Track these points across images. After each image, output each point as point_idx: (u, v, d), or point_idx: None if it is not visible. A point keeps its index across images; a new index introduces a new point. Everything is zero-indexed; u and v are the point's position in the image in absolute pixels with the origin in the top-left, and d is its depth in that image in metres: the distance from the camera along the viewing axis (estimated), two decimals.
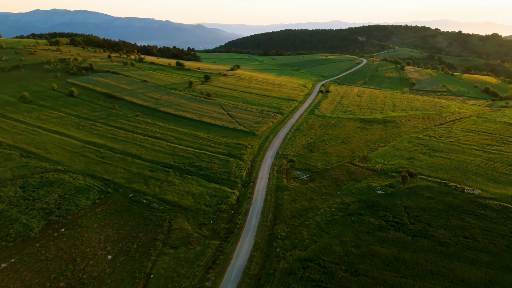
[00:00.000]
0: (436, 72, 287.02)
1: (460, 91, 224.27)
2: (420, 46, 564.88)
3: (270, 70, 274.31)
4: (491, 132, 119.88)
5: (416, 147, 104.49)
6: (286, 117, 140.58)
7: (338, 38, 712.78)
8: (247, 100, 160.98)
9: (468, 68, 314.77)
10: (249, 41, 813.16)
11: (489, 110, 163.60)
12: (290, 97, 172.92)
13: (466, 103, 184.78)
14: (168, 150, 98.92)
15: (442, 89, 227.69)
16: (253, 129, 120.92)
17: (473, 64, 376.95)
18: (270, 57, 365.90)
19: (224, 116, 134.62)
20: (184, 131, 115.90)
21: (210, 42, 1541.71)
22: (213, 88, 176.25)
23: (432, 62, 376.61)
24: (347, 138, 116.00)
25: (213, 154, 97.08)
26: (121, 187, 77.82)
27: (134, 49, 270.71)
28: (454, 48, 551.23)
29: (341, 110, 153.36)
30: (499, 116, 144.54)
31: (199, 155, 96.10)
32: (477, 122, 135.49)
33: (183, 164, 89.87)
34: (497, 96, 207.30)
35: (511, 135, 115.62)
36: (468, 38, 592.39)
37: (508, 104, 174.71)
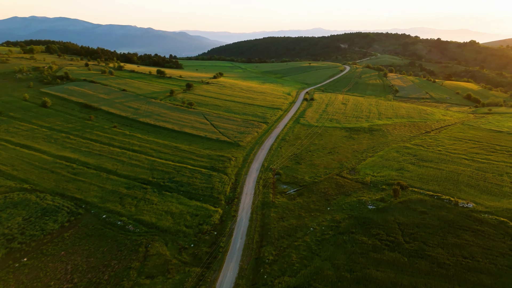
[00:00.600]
0: (418, 79, 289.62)
1: (443, 98, 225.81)
2: (401, 53, 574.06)
3: (253, 78, 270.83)
4: (478, 140, 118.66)
5: (404, 157, 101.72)
6: (271, 127, 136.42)
7: (321, 46, 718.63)
8: (231, 109, 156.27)
9: (449, 75, 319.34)
10: (232, 48, 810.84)
11: (473, 117, 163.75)
12: (275, 106, 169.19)
13: (450, 110, 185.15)
14: (147, 164, 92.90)
15: (425, 96, 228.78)
16: (237, 140, 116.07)
17: (453, 70, 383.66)
18: (254, 65, 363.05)
19: (207, 126, 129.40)
20: (164, 143, 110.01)
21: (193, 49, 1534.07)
22: (195, 97, 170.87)
23: (414, 69, 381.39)
24: (334, 148, 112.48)
25: (195, 168, 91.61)
26: (94, 207, 71.45)
27: (113, 57, 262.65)
28: (434, 55, 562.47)
29: (327, 119, 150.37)
30: (483, 123, 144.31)
31: (179, 169, 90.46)
32: (463, 129, 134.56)
33: (162, 180, 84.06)
34: (479, 102, 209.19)
35: (498, 143, 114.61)
36: (447, 45, 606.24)
37: (491, 111, 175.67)
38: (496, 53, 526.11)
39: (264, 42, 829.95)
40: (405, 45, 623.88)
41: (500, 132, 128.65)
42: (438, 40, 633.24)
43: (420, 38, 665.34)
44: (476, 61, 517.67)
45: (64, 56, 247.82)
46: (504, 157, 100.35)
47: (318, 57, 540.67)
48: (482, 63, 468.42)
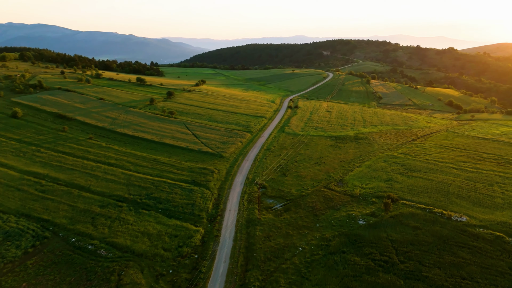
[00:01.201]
0: (401, 85, 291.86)
1: (426, 104, 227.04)
2: (382, 60, 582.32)
3: (237, 85, 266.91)
4: (464, 148, 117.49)
5: (392, 167, 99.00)
6: (255, 136, 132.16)
7: (303, 53, 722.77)
8: (213, 117, 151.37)
9: (430, 82, 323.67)
10: (215, 55, 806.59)
11: (456, 123, 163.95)
12: (259, 114, 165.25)
13: (433, 116, 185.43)
14: (123, 179, 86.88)
15: (408, 102, 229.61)
16: (220, 151, 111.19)
17: (433, 77, 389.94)
18: (237, 72, 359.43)
19: (188, 137, 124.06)
20: (142, 156, 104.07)
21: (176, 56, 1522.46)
22: (177, 105, 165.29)
23: (395, 76, 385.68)
24: (321, 158, 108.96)
25: (175, 183, 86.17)
26: (63, 229, 65.18)
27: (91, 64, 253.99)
28: (414, 62, 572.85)
29: (312, 127, 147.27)
30: (468, 130, 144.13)
31: (158, 184, 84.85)
32: (448, 137, 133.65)
33: (139, 197, 78.30)
34: (461, 109, 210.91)
35: (484, 150, 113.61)
36: (426, 52, 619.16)
37: (474, 117, 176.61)
38: (474, 59, 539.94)
39: (247, 49, 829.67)
40: (386, 52, 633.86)
41: (485, 139, 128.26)
42: (418, 47, 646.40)
43: (400, 45, 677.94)
44: (455, 67, 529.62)
45: (38, 63, 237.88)
46: (492, 165, 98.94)
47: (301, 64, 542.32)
48: (461, 70, 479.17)
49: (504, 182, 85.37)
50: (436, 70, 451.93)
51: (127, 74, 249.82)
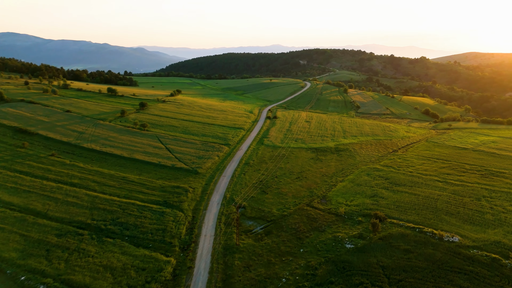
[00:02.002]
0: (378, 94, 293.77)
1: (403, 113, 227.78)
2: (358, 69, 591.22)
3: (213, 95, 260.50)
4: (446, 158, 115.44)
5: (377, 181, 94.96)
6: (233, 149, 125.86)
7: (281, 62, 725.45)
8: (189, 130, 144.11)
9: (406, 90, 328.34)
10: (191, 64, 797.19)
11: (435, 133, 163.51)
12: (237, 125, 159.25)
13: (411, 126, 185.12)
14: (86, 201, 78.40)
15: (385, 111, 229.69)
16: (195, 166, 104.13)
17: (408, 85, 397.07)
18: (214, 81, 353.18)
19: (161, 151, 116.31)
20: (110, 174, 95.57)
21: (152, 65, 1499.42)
22: (150, 117, 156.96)
23: (371, 84, 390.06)
24: (302, 172, 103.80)
25: (145, 205, 78.46)
26: (11, 265, 56.44)
27: (59, 74, 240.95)
28: (388, 71, 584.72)
29: (292, 139, 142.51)
30: (447, 140, 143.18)
31: (126, 206, 76.92)
32: (429, 147, 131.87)
33: (103, 222, 70.17)
34: (438, 117, 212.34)
35: (466, 161, 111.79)
36: (400, 61, 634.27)
37: (451, 126, 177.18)
38: (445, 68, 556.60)
39: (224, 58, 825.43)
40: (361, 61, 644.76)
41: (465, 149, 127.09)
42: (392, 56, 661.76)
43: (375, 55, 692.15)
44: (427, 76, 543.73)
45: (1, 73, 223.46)
46: (476, 177, 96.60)
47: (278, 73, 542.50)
48: (433, 78, 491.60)
49: (491, 196, 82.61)
50: (410, 79, 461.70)
51: (98, 85, 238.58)
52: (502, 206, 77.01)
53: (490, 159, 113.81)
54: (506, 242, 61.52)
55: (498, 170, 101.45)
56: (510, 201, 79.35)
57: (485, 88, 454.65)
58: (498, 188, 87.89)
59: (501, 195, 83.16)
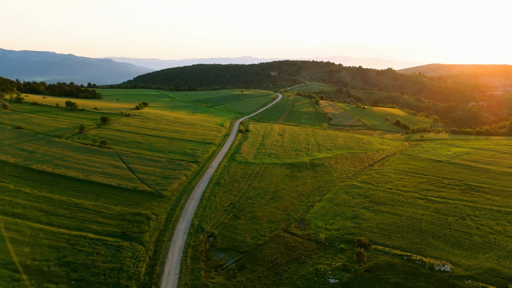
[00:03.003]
0: (349, 106, 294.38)
1: (375, 124, 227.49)
2: (327, 80, 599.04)
3: (182, 107, 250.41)
4: (423, 172, 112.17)
5: (356, 200, 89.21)
6: (202, 167, 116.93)
7: (251, 73, 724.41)
8: (154, 146, 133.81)
9: (376, 101, 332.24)
10: (160, 75, 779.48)
11: (408, 145, 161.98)
12: (207, 140, 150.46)
13: (384, 137, 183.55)
14: (29, 236, 66.96)
15: (357, 123, 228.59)
16: (160, 188, 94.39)
17: (377, 96, 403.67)
18: (183, 93, 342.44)
19: (123, 171, 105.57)
20: (61, 200, 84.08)
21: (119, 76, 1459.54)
22: (112, 133, 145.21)
23: (342, 96, 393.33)
24: (277, 192, 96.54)
25: (99, 237, 68.08)
26: None
27: (13, 86, 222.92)
28: (357, 82, 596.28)
29: (265, 154, 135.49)
30: (421, 152, 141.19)
31: (76, 241, 66.24)
32: (404, 160, 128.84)
33: (46, 263, 59.27)
34: (409, 128, 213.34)
35: (443, 175, 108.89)
36: (368, 72, 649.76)
37: (423, 138, 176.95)
38: (411, 79, 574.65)
39: (194, 69, 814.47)
40: (330, 73, 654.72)
41: (441, 162, 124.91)
42: (360, 67, 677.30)
43: (343, 66, 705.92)
44: (394, 87, 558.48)
45: None
46: (456, 193, 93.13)
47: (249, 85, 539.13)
48: (400, 89, 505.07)
49: (475, 214, 78.63)
50: (379, 90, 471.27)
51: (57, 98, 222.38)
52: (488, 225, 72.93)
53: (467, 172, 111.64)
54: (500, 269, 56.60)
55: (477, 185, 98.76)
56: (495, 220, 75.60)
57: (449, 98, 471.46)
58: (480, 205, 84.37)
59: (485, 213, 79.42)
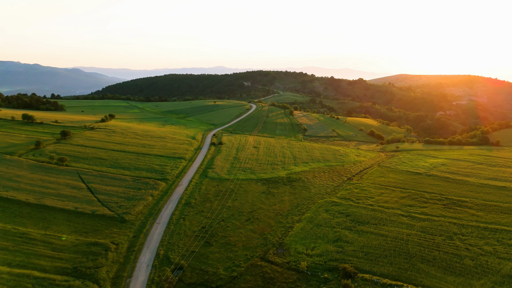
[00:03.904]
0: (323, 116, 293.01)
1: (349, 135, 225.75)
2: (301, 90, 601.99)
3: (152, 119, 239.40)
4: (403, 186, 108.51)
5: (337, 219, 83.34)
6: (171, 185, 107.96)
7: (225, 83, 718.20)
8: (119, 162, 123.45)
9: (349, 111, 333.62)
10: (130, 86, 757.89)
11: (384, 156, 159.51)
12: (177, 154, 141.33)
13: (360, 148, 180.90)
14: None
15: (332, 134, 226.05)
16: (123, 212, 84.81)
17: (349, 106, 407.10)
18: (153, 104, 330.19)
19: (81, 193, 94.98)
20: (5, 229, 72.96)
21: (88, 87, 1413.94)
22: (72, 149, 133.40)
23: (315, 106, 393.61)
24: (253, 212, 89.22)
25: (46, 276, 58.04)
26: None
27: None
28: (330, 92, 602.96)
29: (240, 168, 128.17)
30: (398, 164, 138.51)
31: (18, 282, 55.97)
32: (383, 173, 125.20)
33: None
34: (383, 139, 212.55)
35: (424, 189, 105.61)
36: (340, 82, 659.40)
37: (399, 148, 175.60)
38: (381, 89, 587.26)
39: (166, 79, 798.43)
40: (303, 83, 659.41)
41: (419, 174, 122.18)
42: (332, 78, 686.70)
43: (316, 76, 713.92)
44: (366, 97, 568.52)
45: None
46: (439, 209, 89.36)
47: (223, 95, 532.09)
48: (372, 99, 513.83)
49: (462, 233, 74.47)
50: (351, 100, 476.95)
51: (13, 110, 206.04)
52: (477, 245, 68.70)
53: (447, 185, 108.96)
54: None
55: (459, 199, 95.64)
56: (483, 238, 71.62)
57: (418, 108, 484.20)
58: (465, 221, 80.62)
59: (472, 230, 75.45)
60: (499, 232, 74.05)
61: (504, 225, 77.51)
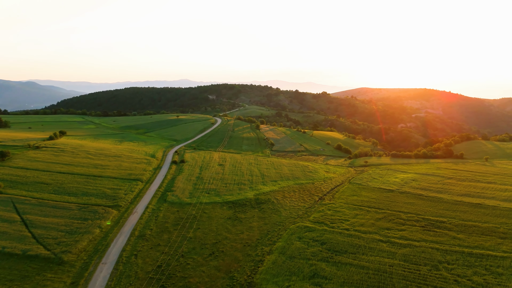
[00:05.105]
0: (290, 130, 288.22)
1: (317, 149, 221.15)
2: (266, 103, 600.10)
3: (109, 136, 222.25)
4: (377, 206, 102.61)
5: (312, 248, 74.78)
6: (124, 213, 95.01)
7: (189, 97, 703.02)
8: (65, 187, 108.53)
9: (315, 125, 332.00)
10: (88, 99, 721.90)
11: (354, 172, 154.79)
12: (133, 175, 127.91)
13: (328, 164, 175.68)
14: None
15: (300, 148, 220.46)
16: (61, 250, 71.29)
17: (315, 119, 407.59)
18: (111, 118, 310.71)
19: (13, 227, 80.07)
20: None
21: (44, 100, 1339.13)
22: (10, 172, 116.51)
23: (281, 119, 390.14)
24: (217, 243, 78.69)
25: None
26: None
27: None
28: (295, 105, 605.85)
29: (203, 190, 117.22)
30: (369, 180, 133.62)
31: None
32: (355, 191, 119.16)
33: None
34: (350, 153, 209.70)
35: (399, 208, 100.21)
36: (304, 96, 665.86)
37: (367, 163, 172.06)
38: (344, 102, 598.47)
39: (126, 93, 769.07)
40: (269, 96, 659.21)
41: (391, 192, 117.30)
42: (297, 91, 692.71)
43: (281, 90, 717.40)
44: (330, 110, 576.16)
45: None
46: (418, 231, 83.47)
47: (187, 109, 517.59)
48: (336, 112, 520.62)
49: (447, 261, 68.18)
50: (316, 113, 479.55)
51: None
52: (466, 276, 62.42)
53: (421, 203, 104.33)
54: None
55: (437, 219, 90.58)
56: (471, 267, 65.57)
57: (380, 120, 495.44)
58: (448, 246, 74.81)
59: (457, 257, 69.43)
60: (485, 258, 68.52)
61: (489, 249, 72.37)
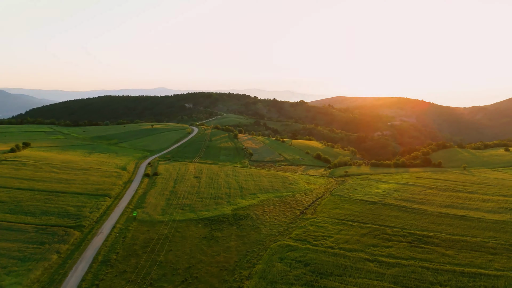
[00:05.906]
0: (268, 139, 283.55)
1: (296, 159, 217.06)
2: (244, 112, 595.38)
3: (78, 147, 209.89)
4: (361, 220, 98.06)
5: (295, 271, 68.66)
6: (88, 234, 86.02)
7: (165, 105, 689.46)
8: (22, 206, 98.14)
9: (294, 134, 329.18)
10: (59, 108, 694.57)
11: (334, 182, 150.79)
12: (101, 191, 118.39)
13: (308, 174, 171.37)
14: None
15: (279, 158, 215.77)
16: (10, 282, 61.99)
17: (293, 128, 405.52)
18: (81, 128, 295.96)
19: None
20: None
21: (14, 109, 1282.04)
22: None
23: (260, 128, 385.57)
24: (191, 268, 71.30)
25: None
26: None
27: None
28: (273, 114, 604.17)
29: (177, 206, 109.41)
30: (351, 191, 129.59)
31: None
32: (336, 203, 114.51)
33: None
34: (330, 162, 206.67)
35: (383, 222, 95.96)
36: (282, 104, 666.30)
37: (348, 173, 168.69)
38: (322, 111, 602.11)
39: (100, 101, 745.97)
40: (247, 105, 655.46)
41: (374, 204, 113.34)
42: (274, 100, 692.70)
43: (259, 98, 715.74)
44: (307, 118, 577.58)
45: None
46: (405, 248, 79.02)
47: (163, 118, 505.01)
48: (313, 120, 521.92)
49: (439, 281, 63.64)
50: (294, 122, 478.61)
51: None
52: None
53: (405, 216, 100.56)
54: None
55: (423, 233, 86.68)
56: None
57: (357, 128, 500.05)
58: (438, 264, 70.48)
59: (449, 277, 65.02)
60: (478, 278, 64.43)
61: (481, 267, 68.47)
